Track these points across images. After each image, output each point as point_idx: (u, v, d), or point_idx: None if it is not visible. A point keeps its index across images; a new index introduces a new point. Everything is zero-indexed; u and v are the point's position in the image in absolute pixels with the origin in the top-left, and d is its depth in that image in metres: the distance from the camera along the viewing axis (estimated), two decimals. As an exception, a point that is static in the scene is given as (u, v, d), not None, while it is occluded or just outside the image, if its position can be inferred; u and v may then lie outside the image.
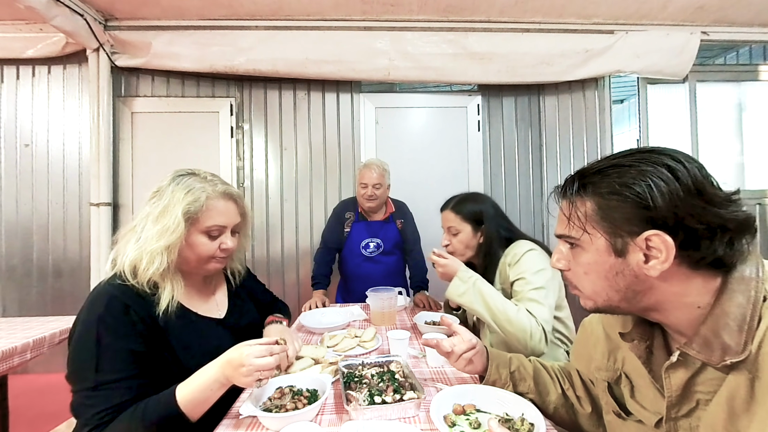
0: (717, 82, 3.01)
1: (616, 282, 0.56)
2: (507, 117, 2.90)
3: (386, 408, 0.77)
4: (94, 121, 2.57)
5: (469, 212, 1.33)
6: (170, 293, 0.86)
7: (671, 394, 0.56)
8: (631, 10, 2.54)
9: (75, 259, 2.66)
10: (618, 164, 0.54)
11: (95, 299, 0.81)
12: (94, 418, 0.72)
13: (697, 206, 0.49)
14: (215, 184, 0.93)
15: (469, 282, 1.17)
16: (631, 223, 0.52)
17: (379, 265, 2.03)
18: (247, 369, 0.74)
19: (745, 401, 0.47)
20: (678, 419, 0.56)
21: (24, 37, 2.56)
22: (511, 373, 0.85)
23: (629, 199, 0.52)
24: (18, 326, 1.45)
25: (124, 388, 0.75)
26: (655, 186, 0.50)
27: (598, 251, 0.56)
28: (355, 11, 2.54)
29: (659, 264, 0.51)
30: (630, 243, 0.53)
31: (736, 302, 0.49)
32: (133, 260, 0.83)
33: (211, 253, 0.92)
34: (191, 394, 0.76)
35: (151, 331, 0.83)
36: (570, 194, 0.58)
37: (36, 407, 2.17)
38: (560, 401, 0.82)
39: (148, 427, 0.72)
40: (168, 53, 2.57)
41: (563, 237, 0.61)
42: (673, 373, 0.55)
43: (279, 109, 2.81)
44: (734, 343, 0.48)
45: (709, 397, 0.52)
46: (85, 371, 0.74)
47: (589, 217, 0.56)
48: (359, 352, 1.15)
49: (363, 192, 1.94)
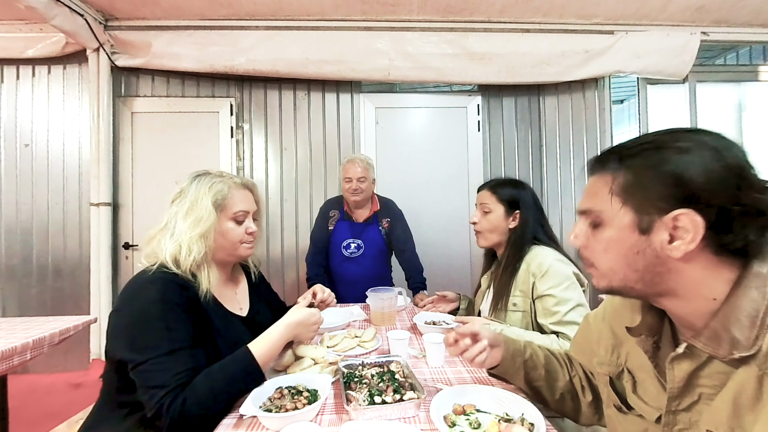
0: (717, 83, 3.01)
1: (635, 261, 0.54)
2: (507, 117, 2.90)
3: (386, 408, 0.77)
4: (94, 121, 2.57)
5: (507, 194, 1.28)
6: (207, 282, 0.94)
7: (673, 386, 0.55)
8: (631, 11, 2.54)
9: (75, 259, 2.66)
10: (658, 140, 0.53)
11: (149, 284, 0.87)
12: (173, 379, 0.77)
13: (736, 187, 0.48)
14: (231, 177, 1.03)
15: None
16: (662, 199, 0.50)
17: (359, 267, 2.01)
18: (316, 326, 1.01)
19: (753, 398, 0.46)
20: (678, 412, 0.55)
21: (24, 37, 2.56)
22: (525, 362, 0.83)
23: (665, 175, 0.50)
24: (18, 326, 1.45)
25: (193, 354, 0.83)
26: (693, 163, 0.49)
27: (622, 227, 0.54)
28: (355, 11, 2.54)
29: (684, 245, 0.49)
30: (657, 220, 0.51)
31: (750, 297, 0.48)
32: (173, 252, 0.90)
33: (240, 237, 1.01)
34: (262, 350, 0.89)
35: (199, 313, 0.90)
36: (606, 167, 0.56)
37: (36, 407, 2.16)
38: (567, 387, 0.82)
39: (229, 381, 0.81)
40: (168, 53, 2.57)
41: (587, 212, 0.59)
42: (677, 365, 0.54)
43: (279, 109, 2.81)
44: (744, 338, 0.47)
45: (713, 392, 0.52)
46: (158, 340, 0.80)
47: (620, 191, 0.54)
48: (359, 352, 1.15)
49: (348, 186, 1.95)
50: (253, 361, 0.86)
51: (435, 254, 2.74)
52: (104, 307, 2.55)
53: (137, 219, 2.69)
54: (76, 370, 2.58)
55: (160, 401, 0.75)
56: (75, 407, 1.34)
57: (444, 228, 2.84)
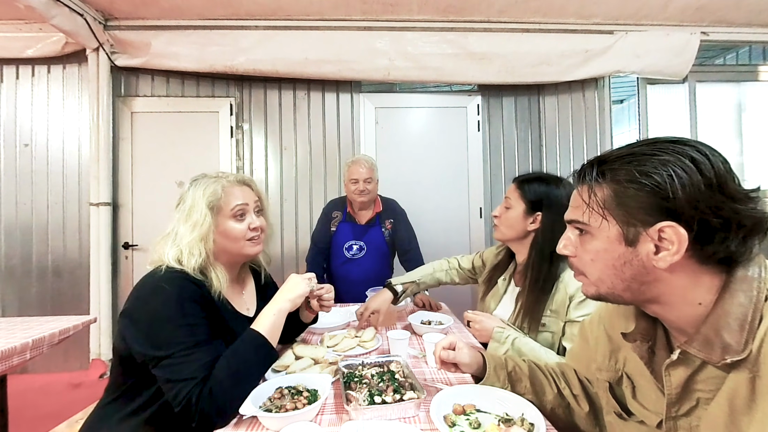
0: (717, 83, 3.01)
1: (623, 271, 0.55)
2: (507, 117, 2.90)
3: (386, 408, 0.77)
4: (94, 121, 2.57)
5: (532, 192, 1.14)
6: (218, 283, 0.95)
7: (671, 393, 0.56)
8: (631, 11, 2.54)
9: (74, 259, 2.66)
10: (639, 152, 0.53)
11: (164, 282, 0.87)
12: (201, 369, 0.79)
13: (716, 200, 0.48)
14: (227, 176, 1.03)
15: (507, 343, 1.06)
16: (646, 212, 0.51)
17: (360, 267, 2.01)
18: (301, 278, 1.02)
19: (746, 400, 0.47)
20: (678, 418, 0.56)
21: (24, 36, 2.56)
22: (509, 374, 0.85)
23: (647, 188, 0.51)
24: (17, 326, 1.44)
25: (214, 347, 0.85)
26: (676, 176, 0.49)
27: (609, 239, 0.55)
28: (355, 11, 2.54)
29: (669, 256, 0.50)
30: (642, 233, 0.52)
31: (738, 301, 0.49)
32: (175, 255, 0.92)
33: (243, 234, 1.00)
34: (266, 326, 0.91)
35: (213, 311, 0.92)
36: (588, 180, 0.57)
37: (35, 407, 2.16)
38: (557, 401, 0.82)
39: (245, 363, 0.84)
40: (168, 53, 2.57)
41: (574, 222, 0.60)
42: (673, 371, 0.55)
43: (279, 109, 2.81)
44: (735, 342, 0.48)
45: (709, 396, 0.52)
46: (180, 335, 0.82)
47: (604, 204, 0.55)
48: (359, 352, 1.15)
49: (354, 188, 1.93)
50: (260, 336, 0.88)
51: (434, 254, 2.72)
52: (104, 307, 2.55)
53: (137, 219, 2.68)
54: (75, 370, 2.58)
55: (188, 394, 0.75)
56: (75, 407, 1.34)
57: (444, 228, 2.84)
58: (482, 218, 2.86)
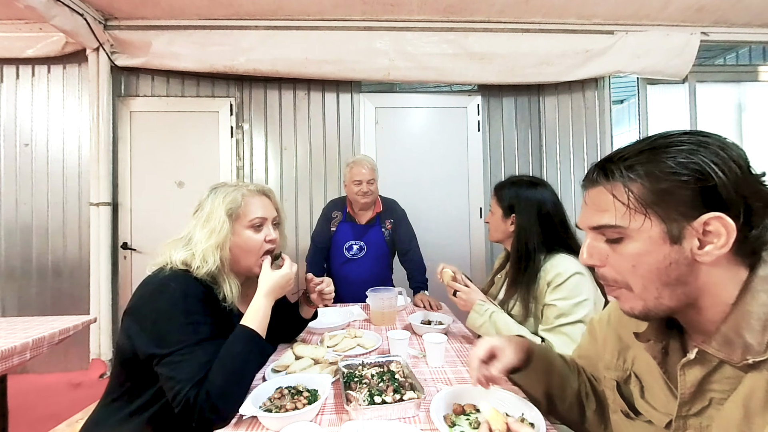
0: (717, 83, 3.01)
1: (668, 274, 0.51)
2: (507, 117, 2.90)
3: (386, 408, 0.77)
4: (94, 121, 2.57)
5: (505, 196, 1.26)
6: (230, 293, 0.95)
7: (684, 392, 0.54)
8: (631, 11, 2.54)
9: (74, 258, 2.66)
10: (662, 144, 0.50)
11: (169, 281, 0.88)
12: (201, 369, 0.79)
13: (752, 183, 0.47)
14: (247, 185, 1.04)
15: (485, 315, 1.19)
16: (688, 205, 0.48)
17: (361, 267, 2.01)
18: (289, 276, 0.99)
19: (763, 401, 0.47)
20: (688, 417, 0.55)
21: (24, 36, 2.56)
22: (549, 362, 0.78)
23: (687, 178, 0.47)
24: (18, 326, 1.44)
25: (218, 345, 0.85)
26: (713, 163, 0.47)
27: (651, 239, 0.51)
28: (355, 11, 2.54)
29: (716, 249, 0.48)
30: (686, 227, 0.49)
31: (760, 301, 0.48)
32: (184, 258, 0.92)
33: (259, 245, 1.00)
34: (255, 320, 0.91)
35: (220, 313, 0.92)
36: (619, 177, 0.52)
37: (35, 407, 2.16)
38: (575, 395, 0.78)
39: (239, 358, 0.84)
40: (168, 53, 2.57)
41: (604, 228, 0.55)
42: (688, 370, 0.54)
43: (279, 109, 2.81)
44: (756, 342, 0.47)
45: (723, 396, 0.51)
46: (184, 333, 0.82)
47: (640, 201, 0.51)
48: (359, 352, 1.15)
49: (357, 189, 1.93)
50: (251, 330, 0.89)
51: (434, 254, 2.73)
52: (104, 307, 2.55)
53: (136, 219, 2.67)
54: (75, 370, 2.58)
55: (187, 394, 0.76)
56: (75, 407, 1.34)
57: (444, 228, 2.84)
58: (482, 218, 2.86)
